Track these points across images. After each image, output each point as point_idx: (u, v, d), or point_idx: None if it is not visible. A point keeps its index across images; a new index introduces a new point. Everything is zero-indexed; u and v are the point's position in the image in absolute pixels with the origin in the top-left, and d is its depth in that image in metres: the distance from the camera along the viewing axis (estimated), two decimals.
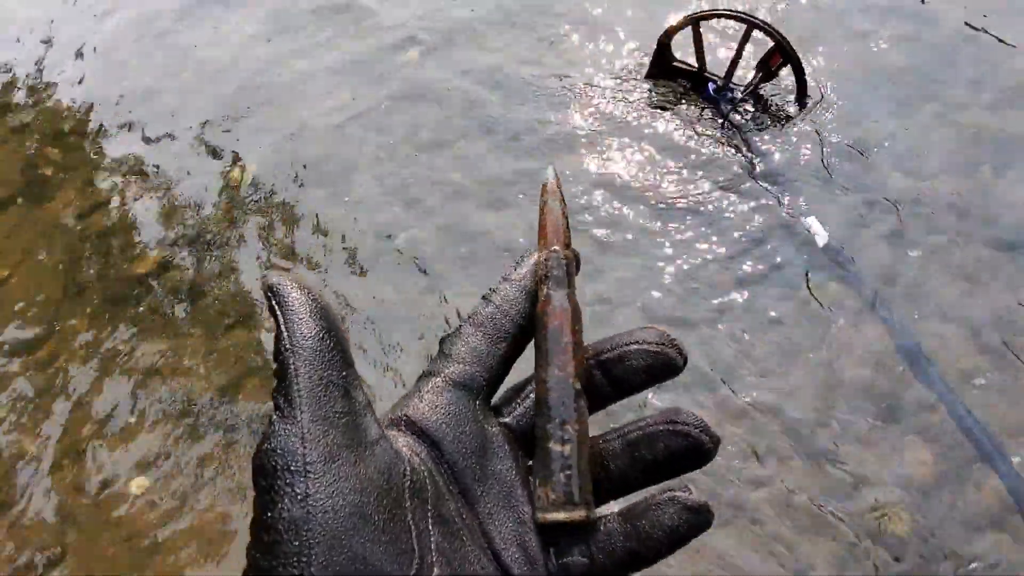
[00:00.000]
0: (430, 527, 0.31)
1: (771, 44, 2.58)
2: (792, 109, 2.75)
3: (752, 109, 2.75)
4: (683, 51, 2.83)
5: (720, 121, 2.69)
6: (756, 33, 2.58)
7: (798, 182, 2.57)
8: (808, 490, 1.98)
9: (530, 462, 0.35)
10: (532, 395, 0.36)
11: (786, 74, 2.71)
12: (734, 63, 2.69)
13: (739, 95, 2.69)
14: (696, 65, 2.78)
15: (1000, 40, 2.92)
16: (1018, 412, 2.04)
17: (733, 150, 2.65)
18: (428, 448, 0.33)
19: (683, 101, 2.81)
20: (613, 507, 0.35)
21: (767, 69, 2.62)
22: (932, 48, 2.93)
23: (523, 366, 0.37)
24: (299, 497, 0.28)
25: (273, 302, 0.32)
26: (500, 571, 0.32)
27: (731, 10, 2.65)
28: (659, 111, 2.80)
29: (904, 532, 1.89)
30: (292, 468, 0.28)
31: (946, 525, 1.89)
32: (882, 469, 1.99)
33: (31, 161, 3.30)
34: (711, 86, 2.76)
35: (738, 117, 2.72)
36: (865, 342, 2.23)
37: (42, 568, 2.11)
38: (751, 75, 2.69)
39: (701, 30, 2.69)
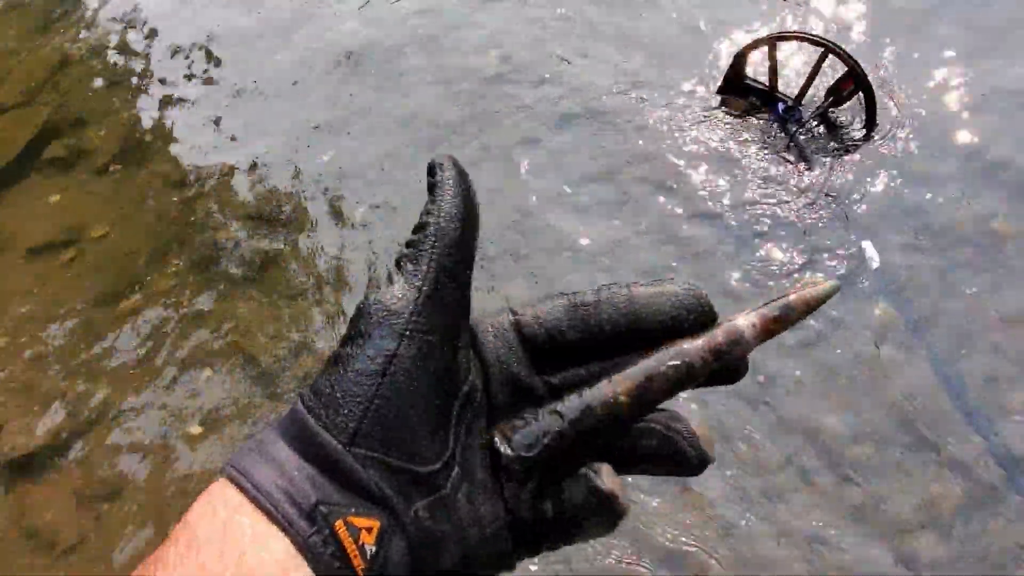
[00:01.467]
0: (463, 434, 0.34)
1: (845, 70, 2.60)
2: (860, 136, 2.76)
3: (820, 131, 2.77)
4: (754, 70, 2.87)
5: (786, 141, 2.73)
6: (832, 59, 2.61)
7: (857, 205, 2.59)
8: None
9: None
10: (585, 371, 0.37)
11: (858, 102, 2.72)
12: (806, 85, 2.72)
13: (807, 117, 2.71)
14: (768, 84, 2.82)
15: None
16: None
17: (796, 170, 2.69)
18: (481, 366, 0.36)
19: (753, 118, 2.85)
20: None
21: (838, 94, 2.64)
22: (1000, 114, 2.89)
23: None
24: (386, 349, 0.32)
25: (430, 176, 0.35)
26: (497, 487, 0.34)
27: (810, 33, 2.68)
28: (728, 125, 2.85)
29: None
30: (393, 324, 0.32)
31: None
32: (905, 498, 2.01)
33: (133, 130, 3.56)
34: (780, 106, 2.79)
35: (804, 138, 2.75)
36: (908, 370, 2.24)
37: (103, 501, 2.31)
38: (822, 98, 2.72)
39: (777, 51, 2.73)
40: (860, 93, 2.64)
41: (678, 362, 0.35)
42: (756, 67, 2.87)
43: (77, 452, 2.43)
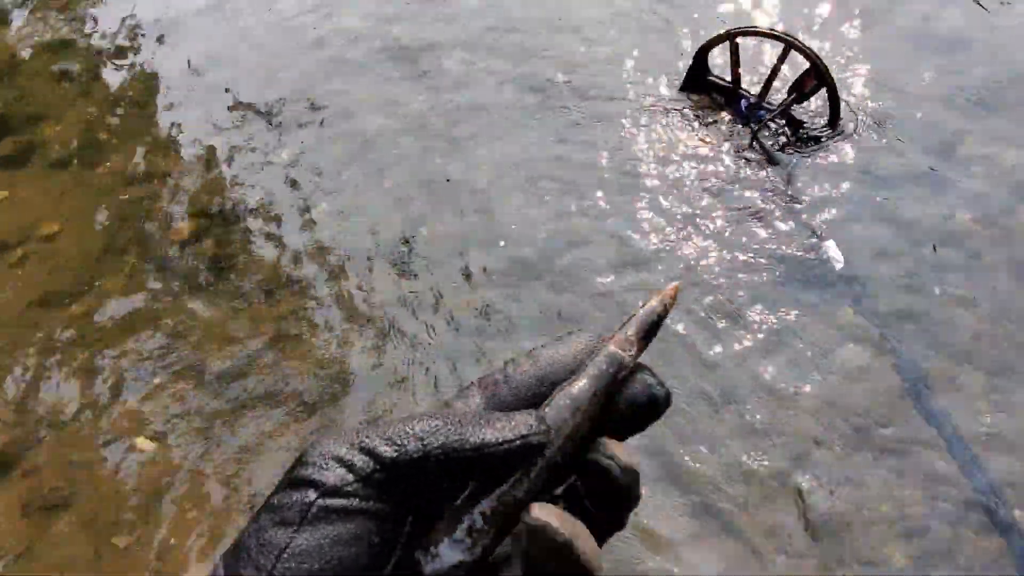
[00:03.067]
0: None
1: (807, 65, 2.57)
2: (823, 133, 2.73)
3: (783, 128, 2.74)
4: (719, 67, 2.84)
5: (749, 138, 2.70)
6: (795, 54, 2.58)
7: (820, 205, 2.56)
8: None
9: None
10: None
11: (821, 98, 2.69)
12: (769, 81, 2.69)
13: (770, 114, 2.68)
14: (731, 80, 2.78)
15: None
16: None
17: (759, 168, 2.65)
18: None
19: (715, 115, 2.82)
20: None
21: (801, 91, 2.61)
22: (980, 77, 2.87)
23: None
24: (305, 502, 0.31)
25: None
26: None
27: (772, 30, 2.65)
28: (690, 122, 2.81)
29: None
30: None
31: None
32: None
33: (90, 125, 3.47)
34: (743, 103, 2.76)
35: (767, 136, 2.72)
36: (871, 370, 2.22)
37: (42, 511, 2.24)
38: (785, 94, 2.68)
39: (738, 46, 2.70)
40: (823, 89, 2.61)
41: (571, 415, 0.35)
42: (721, 63, 2.84)
43: (22, 463, 2.36)
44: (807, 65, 2.57)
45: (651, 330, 0.38)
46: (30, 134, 3.45)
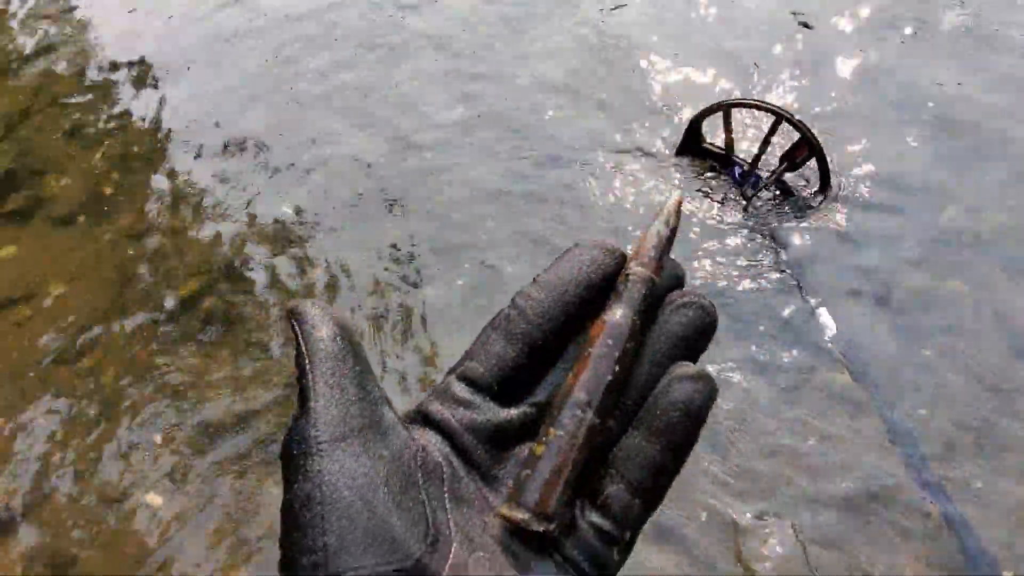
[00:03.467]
0: (447, 504, 0.32)
1: (799, 136, 2.68)
2: (815, 200, 2.83)
3: (776, 196, 2.84)
4: (712, 133, 2.94)
5: (743, 205, 2.79)
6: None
7: (812, 270, 2.65)
8: None
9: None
10: (548, 387, 0.36)
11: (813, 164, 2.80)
12: (761, 151, 2.79)
13: (763, 182, 2.78)
14: (724, 148, 2.89)
15: None
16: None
17: (753, 234, 2.74)
18: (443, 437, 0.35)
19: (709, 182, 2.92)
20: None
21: (792, 160, 2.71)
22: (960, 150, 2.99)
23: None
24: (311, 474, 0.30)
25: (292, 320, 0.35)
26: (519, 546, 0.32)
27: (763, 101, 2.76)
28: (684, 187, 2.91)
29: None
30: (304, 449, 0.31)
31: None
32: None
33: (97, 180, 3.53)
34: (737, 170, 2.86)
35: (760, 202, 2.82)
36: (864, 435, 2.28)
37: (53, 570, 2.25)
38: (777, 162, 2.79)
39: (731, 115, 2.81)
40: (814, 159, 2.72)
41: (617, 345, 0.34)
42: (715, 131, 2.94)
43: (28, 521, 2.37)
44: (799, 134, 2.67)
45: (666, 247, 0.38)
46: (37, 189, 3.51)
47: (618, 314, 0.35)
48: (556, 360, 0.36)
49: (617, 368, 0.34)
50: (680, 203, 0.39)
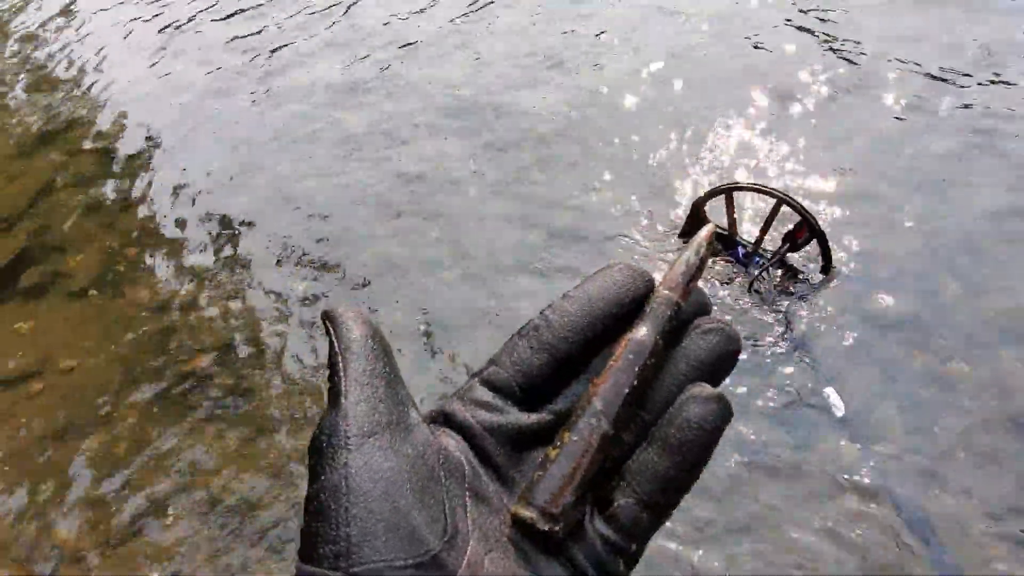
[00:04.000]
0: (466, 502, 0.33)
1: (800, 219, 2.75)
2: (818, 280, 2.89)
3: (780, 275, 2.90)
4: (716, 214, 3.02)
5: (747, 285, 2.85)
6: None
7: (818, 349, 2.68)
8: None
9: None
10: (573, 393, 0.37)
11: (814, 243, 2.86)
12: (763, 232, 2.87)
13: (766, 262, 2.84)
14: (727, 229, 2.96)
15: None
16: None
17: (758, 314, 2.79)
18: (463, 438, 0.36)
19: (714, 263, 2.98)
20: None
21: (793, 241, 2.78)
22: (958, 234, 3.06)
23: None
24: (339, 466, 0.31)
25: (327, 321, 0.36)
26: (530, 547, 0.33)
27: (763, 185, 2.85)
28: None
29: None
30: (334, 442, 0.32)
31: None
32: None
33: (111, 257, 3.61)
34: (741, 250, 2.93)
35: (765, 283, 2.87)
36: (874, 513, 2.27)
37: None
38: (780, 241, 2.86)
39: (734, 198, 2.89)
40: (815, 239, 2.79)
41: (637, 360, 0.36)
42: (718, 213, 3.03)
43: None
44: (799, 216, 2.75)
45: (694, 275, 0.39)
46: (54, 264, 3.58)
47: (642, 332, 0.36)
48: (580, 373, 0.37)
49: (635, 382, 0.35)
50: (712, 234, 0.40)
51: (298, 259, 3.37)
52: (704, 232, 0.40)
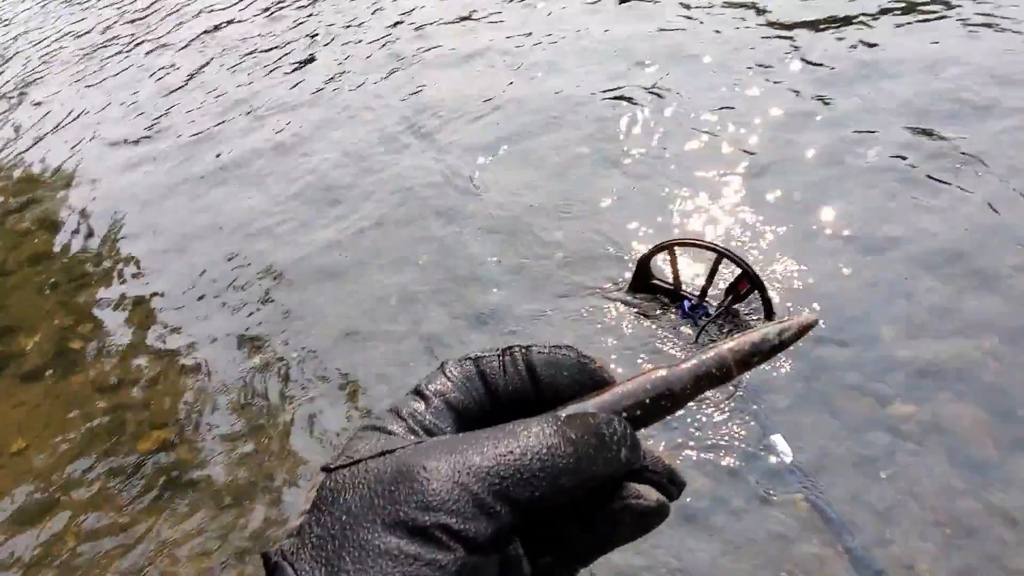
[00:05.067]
0: None
1: (740, 271, 2.84)
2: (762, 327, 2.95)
3: (725, 326, 2.97)
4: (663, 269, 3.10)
5: (694, 337, 2.91)
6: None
7: (765, 397, 2.74)
8: None
9: None
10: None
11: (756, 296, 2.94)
12: (707, 285, 2.94)
13: (711, 313, 2.91)
14: (672, 284, 3.04)
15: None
16: None
17: None
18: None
19: (660, 316, 3.05)
20: None
21: (736, 292, 2.86)
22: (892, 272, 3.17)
23: None
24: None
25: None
26: None
27: (704, 240, 2.94)
28: (637, 322, 3.04)
29: None
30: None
31: None
32: None
33: (64, 335, 3.59)
34: (686, 303, 3.00)
35: (711, 334, 2.94)
36: (825, 560, 2.29)
37: None
38: (723, 293, 2.93)
39: (677, 254, 2.98)
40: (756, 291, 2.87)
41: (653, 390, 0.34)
42: (663, 268, 3.11)
43: None
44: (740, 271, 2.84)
45: (764, 354, 0.35)
46: (6, 345, 3.55)
47: (677, 370, 0.35)
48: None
49: (637, 409, 0.33)
50: (812, 327, 0.36)
51: (250, 337, 3.38)
52: (806, 318, 0.36)
